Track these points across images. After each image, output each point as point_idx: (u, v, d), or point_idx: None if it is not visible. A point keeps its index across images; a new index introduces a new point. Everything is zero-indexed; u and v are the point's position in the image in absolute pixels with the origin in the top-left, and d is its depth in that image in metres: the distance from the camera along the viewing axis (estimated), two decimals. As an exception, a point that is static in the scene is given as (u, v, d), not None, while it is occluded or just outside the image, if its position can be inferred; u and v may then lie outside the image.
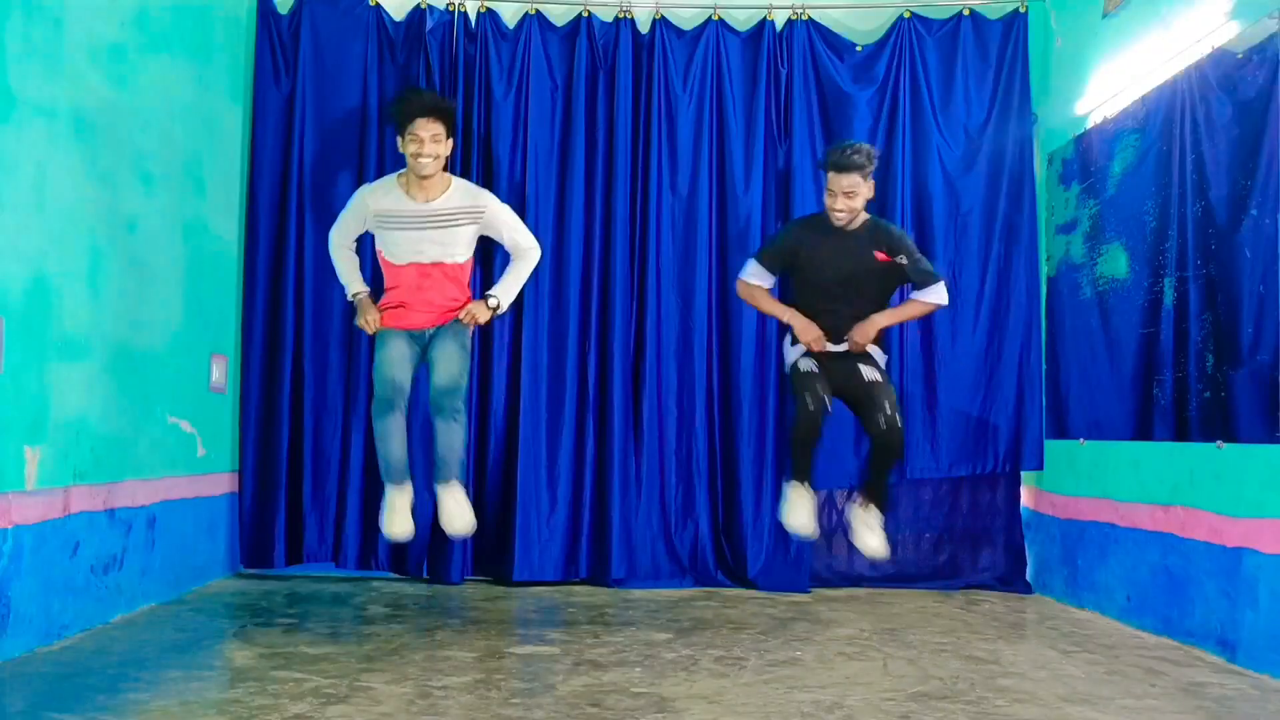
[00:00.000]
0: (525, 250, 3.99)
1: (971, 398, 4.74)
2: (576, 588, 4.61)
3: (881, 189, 4.81)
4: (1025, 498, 4.84)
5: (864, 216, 3.93)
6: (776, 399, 4.76)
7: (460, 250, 3.85)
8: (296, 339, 4.68)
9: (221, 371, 4.50)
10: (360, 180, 4.60)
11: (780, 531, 4.75)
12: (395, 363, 3.73)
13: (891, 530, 4.87)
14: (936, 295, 3.96)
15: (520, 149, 4.80)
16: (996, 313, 4.77)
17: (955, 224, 4.81)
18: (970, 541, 4.84)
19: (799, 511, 3.84)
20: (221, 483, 4.53)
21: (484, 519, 4.69)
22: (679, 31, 4.92)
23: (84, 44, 3.34)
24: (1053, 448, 4.64)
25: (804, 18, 4.88)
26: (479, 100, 4.78)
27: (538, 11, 4.85)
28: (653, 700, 2.70)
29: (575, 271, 4.79)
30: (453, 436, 3.78)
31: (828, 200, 3.87)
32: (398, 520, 3.72)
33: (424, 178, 3.74)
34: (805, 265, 3.96)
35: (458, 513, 3.75)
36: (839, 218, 3.86)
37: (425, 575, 4.67)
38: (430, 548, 4.68)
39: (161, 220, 3.92)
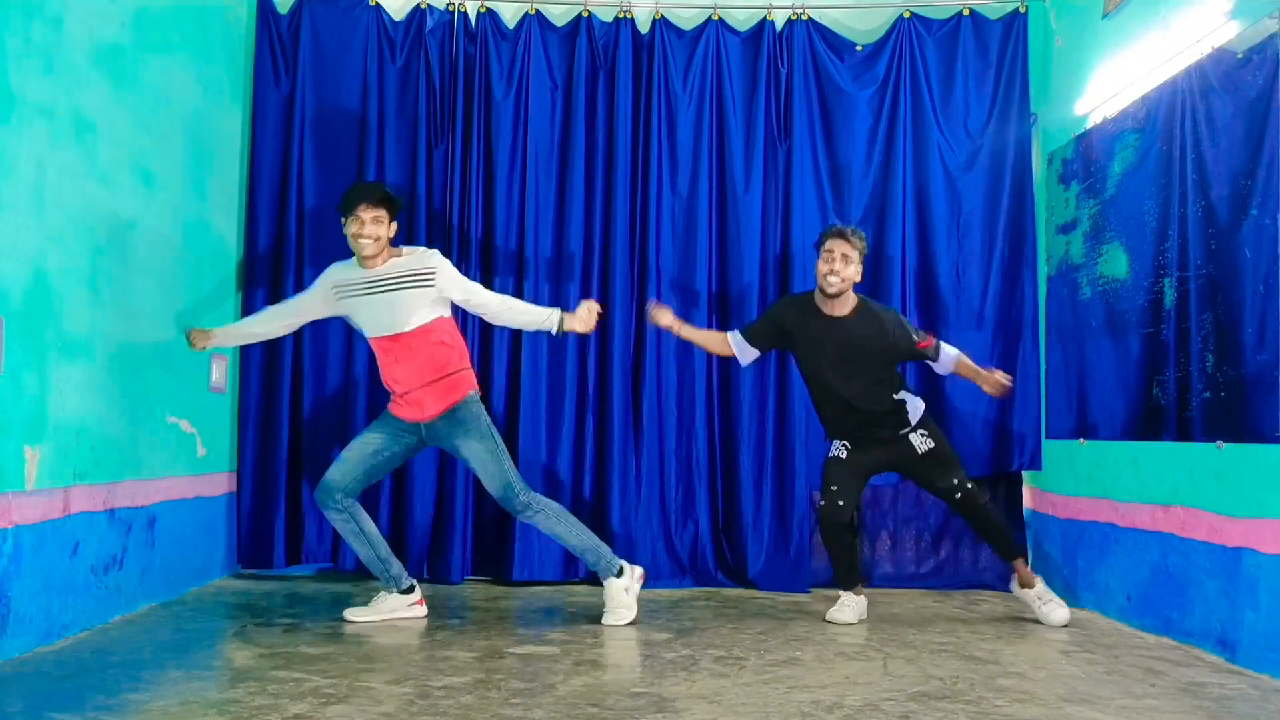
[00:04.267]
0: (489, 298, 3.90)
1: (974, 398, 4.72)
2: (576, 588, 4.61)
3: (882, 189, 4.84)
4: (1025, 498, 4.84)
5: (854, 299, 4.00)
6: (776, 399, 4.76)
7: (414, 317, 3.71)
8: (296, 339, 4.68)
9: (221, 371, 4.50)
10: (359, 178, 4.62)
11: (780, 531, 4.76)
12: (354, 457, 3.77)
13: (892, 530, 4.93)
14: (952, 354, 4.06)
15: (520, 149, 4.80)
16: (998, 313, 4.78)
17: (957, 224, 4.81)
18: (970, 541, 4.84)
19: (845, 613, 3.95)
20: (221, 483, 4.53)
21: (484, 518, 4.71)
22: (679, 31, 4.92)
23: (84, 44, 3.34)
24: (1052, 448, 4.64)
25: (804, 18, 4.88)
26: (479, 100, 4.78)
27: (538, 11, 4.85)
28: (653, 700, 2.70)
29: (575, 271, 4.79)
30: (554, 527, 3.85)
31: (822, 267, 3.94)
32: (402, 608, 3.83)
33: (366, 258, 3.73)
34: (803, 345, 4.03)
35: (618, 609, 3.79)
36: (831, 283, 3.91)
37: (425, 575, 4.67)
38: (430, 548, 4.69)
39: (161, 220, 3.92)
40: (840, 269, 3.90)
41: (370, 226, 3.69)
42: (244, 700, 2.61)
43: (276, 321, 4.01)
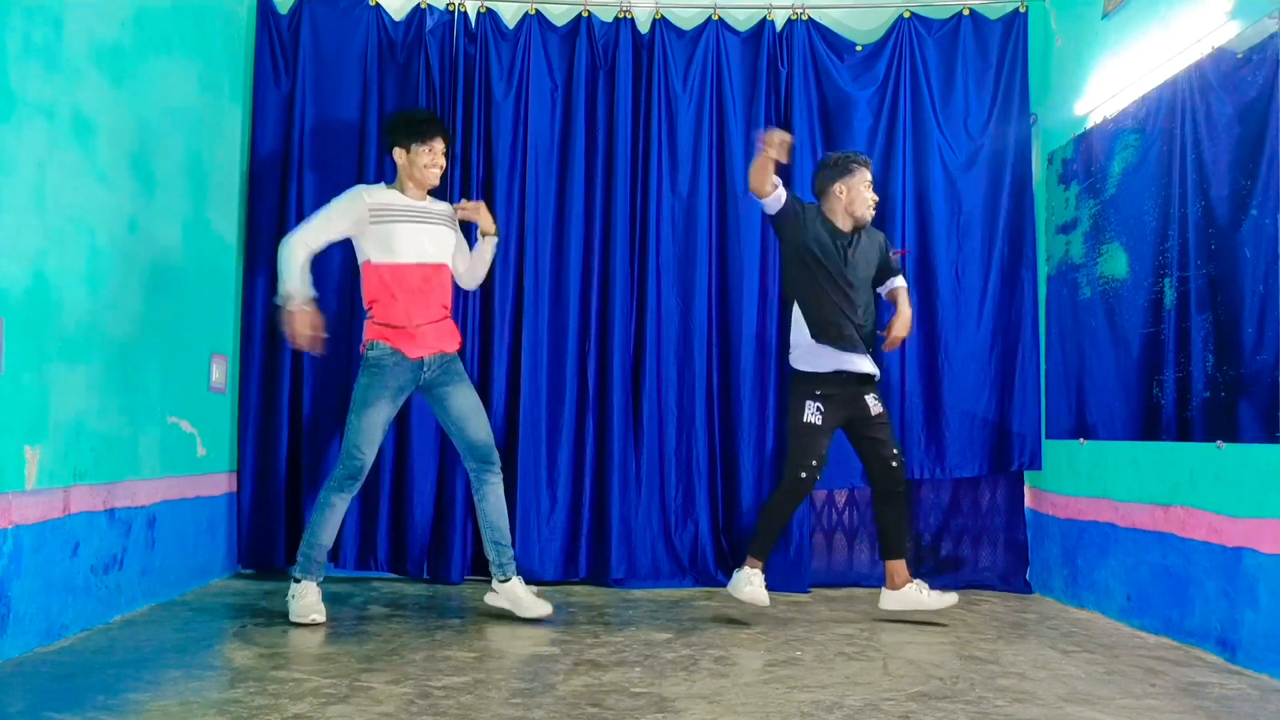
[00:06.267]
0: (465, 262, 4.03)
1: (973, 398, 4.74)
2: (576, 588, 4.61)
3: (882, 189, 4.82)
4: (1025, 498, 4.84)
5: None
6: (776, 399, 4.76)
7: (447, 254, 3.87)
8: (296, 339, 4.68)
9: (221, 371, 4.50)
10: (360, 180, 4.61)
11: (780, 531, 4.75)
12: (378, 432, 3.73)
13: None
14: (902, 281, 4.21)
15: (520, 149, 4.80)
16: (998, 312, 4.78)
17: (957, 224, 4.81)
18: (970, 541, 4.85)
19: (756, 591, 3.89)
20: (221, 483, 4.53)
21: (484, 519, 4.71)
22: (679, 31, 4.93)
23: (84, 44, 3.34)
24: (1052, 448, 4.64)
25: (804, 17, 4.88)
26: (479, 100, 4.78)
27: (538, 11, 4.85)
28: (653, 700, 2.70)
29: (575, 271, 4.79)
30: (502, 505, 3.88)
31: (865, 194, 4.00)
32: (316, 611, 3.69)
33: (427, 187, 3.84)
34: (823, 257, 3.97)
35: (534, 601, 3.82)
36: (872, 214, 4.05)
37: (425, 575, 4.68)
38: (430, 548, 4.69)
39: (161, 220, 3.92)
40: (876, 197, 4.06)
41: (440, 157, 3.83)
42: (244, 700, 2.61)
43: (302, 252, 3.77)
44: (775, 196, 3.94)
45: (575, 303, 4.78)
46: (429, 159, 3.80)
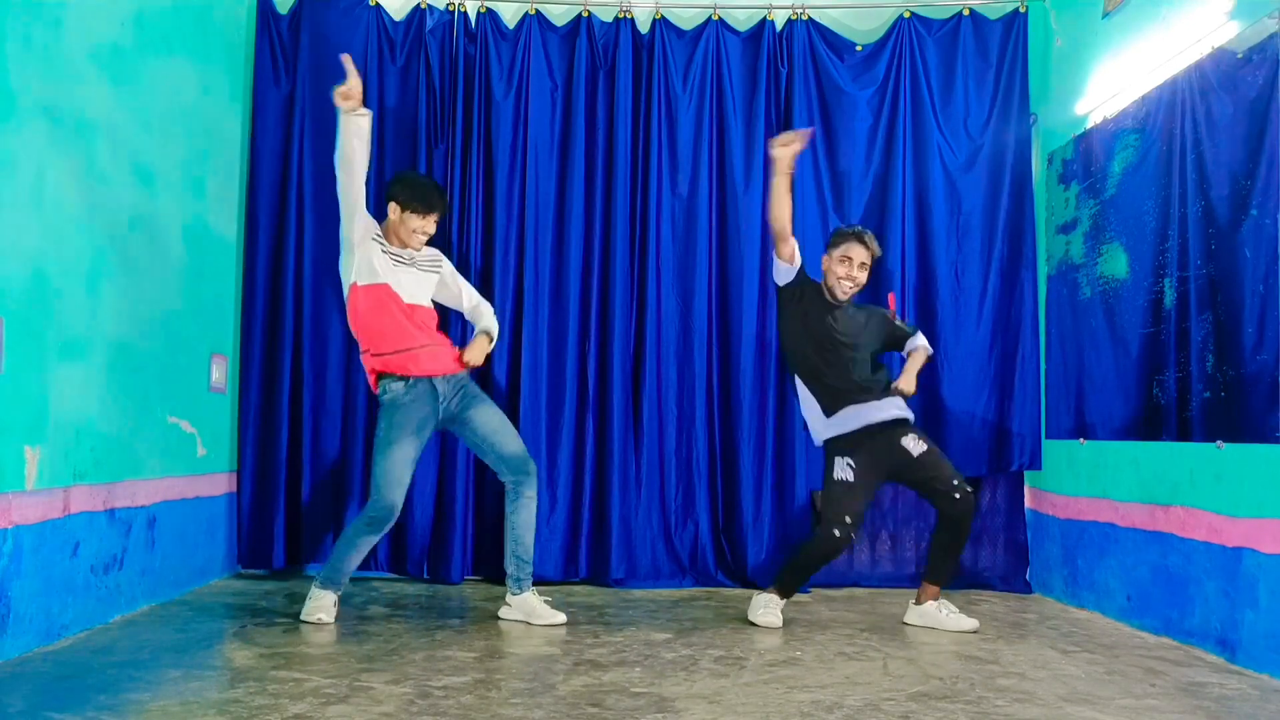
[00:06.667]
0: (481, 301, 4.02)
1: (974, 398, 4.74)
2: (576, 588, 4.61)
3: (882, 189, 4.84)
4: (1025, 498, 4.84)
5: None
6: (776, 399, 4.76)
7: (427, 299, 3.87)
8: (296, 339, 4.68)
9: (221, 371, 4.50)
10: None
11: (780, 531, 4.76)
12: (404, 472, 3.66)
13: (892, 530, 4.93)
14: (925, 342, 4.14)
15: (520, 149, 4.80)
16: (998, 313, 4.78)
17: (957, 224, 4.81)
18: (970, 541, 4.83)
19: (771, 615, 3.86)
20: (221, 483, 4.53)
21: (484, 518, 4.70)
22: (679, 31, 4.93)
23: (84, 44, 3.34)
24: (1052, 448, 4.64)
25: (804, 17, 4.88)
26: (479, 100, 4.78)
27: (538, 11, 4.85)
28: (653, 700, 2.70)
29: (575, 271, 4.79)
30: (532, 520, 3.88)
31: (840, 270, 3.91)
32: (325, 613, 3.70)
33: (413, 249, 3.82)
34: (815, 323, 3.93)
35: (549, 610, 3.81)
36: (846, 289, 3.93)
37: (425, 575, 4.68)
38: (430, 548, 4.69)
39: (161, 220, 3.92)
40: (858, 276, 3.93)
41: (431, 226, 3.83)
42: (244, 700, 2.61)
43: (359, 178, 3.72)
44: (790, 266, 3.95)
45: (575, 303, 4.78)
46: (419, 224, 3.78)
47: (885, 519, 4.89)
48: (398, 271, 3.77)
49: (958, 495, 3.82)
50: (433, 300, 3.91)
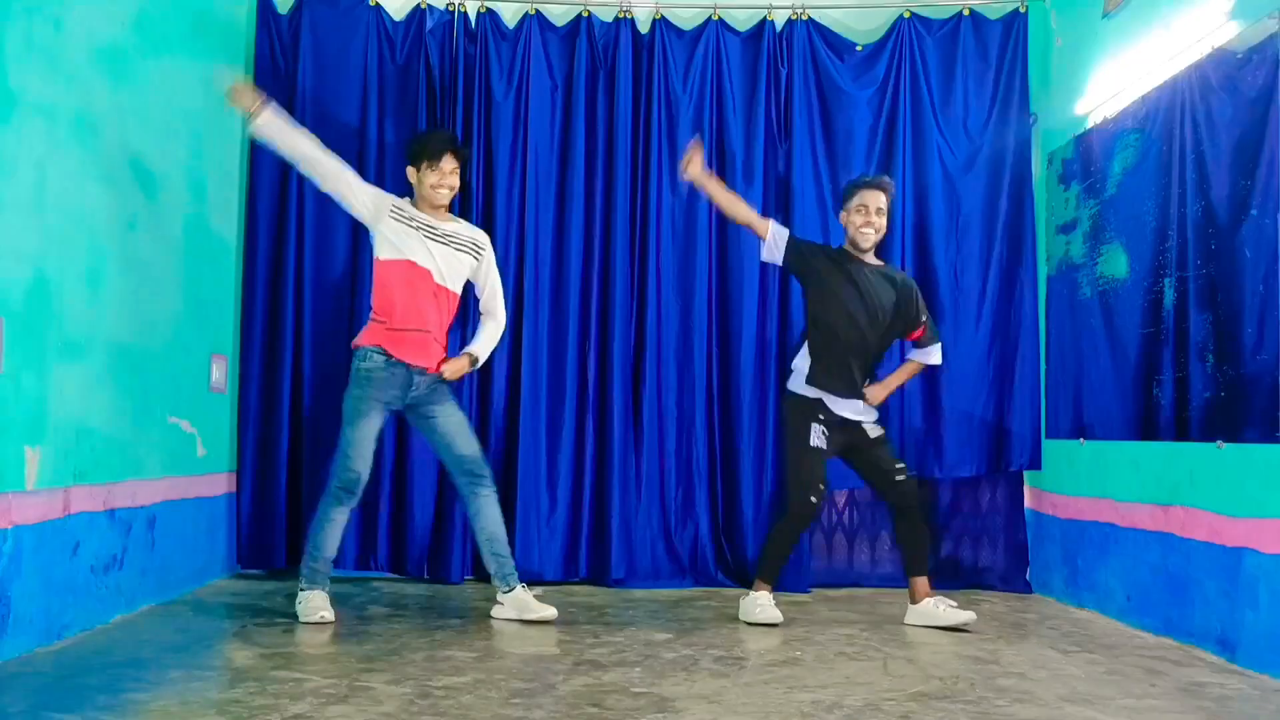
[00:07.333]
0: (498, 311, 4.01)
1: (973, 398, 4.74)
2: (576, 588, 4.61)
3: (882, 189, 4.83)
4: (1025, 498, 4.84)
5: (877, 258, 4.01)
6: (776, 399, 4.76)
7: (458, 283, 3.85)
8: (296, 339, 4.68)
9: (221, 371, 4.50)
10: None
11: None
12: (370, 443, 3.71)
13: (892, 530, 4.91)
14: (936, 356, 4.08)
15: (520, 149, 4.80)
16: (998, 313, 4.78)
17: (957, 224, 4.81)
18: (970, 541, 4.85)
19: (768, 611, 3.84)
20: (221, 483, 4.53)
21: (484, 519, 4.70)
22: (679, 31, 4.92)
23: (84, 44, 3.34)
24: (1052, 448, 4.64)
25: (804, 17, 4.88)
26: (479, 100, 4.78)
27: (538, 11, 4.85)
28: (653, 700, 2.70)
29: (575, 271, 4.79)
30: (495, 512, 3.86)
31: (857, 219, 3.89)
32: (325, 610, 3.69)
33: (437, 207, 3.81)
34: (830, 299, 3.90)
35: (539, 604, 3.81)
36: (866, 235, 3.90)
37: (425, 575, 4.68)
38: (430, 548, 4.69)
39: (161, 220, 3.92)
40: (877, 221, 3.90)
41: (450, 177, 3.78)
42: (244, 700, 2.60)
43: (327, 163, 3.73)
44: (771, 241, 3.95)
45: (575, 303, 4.78)
46: (435, 179, 3.76)
47: (885, 519, 4.89)
48: (428, 244, 3.74)
49: (898, 477, 3.88)
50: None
